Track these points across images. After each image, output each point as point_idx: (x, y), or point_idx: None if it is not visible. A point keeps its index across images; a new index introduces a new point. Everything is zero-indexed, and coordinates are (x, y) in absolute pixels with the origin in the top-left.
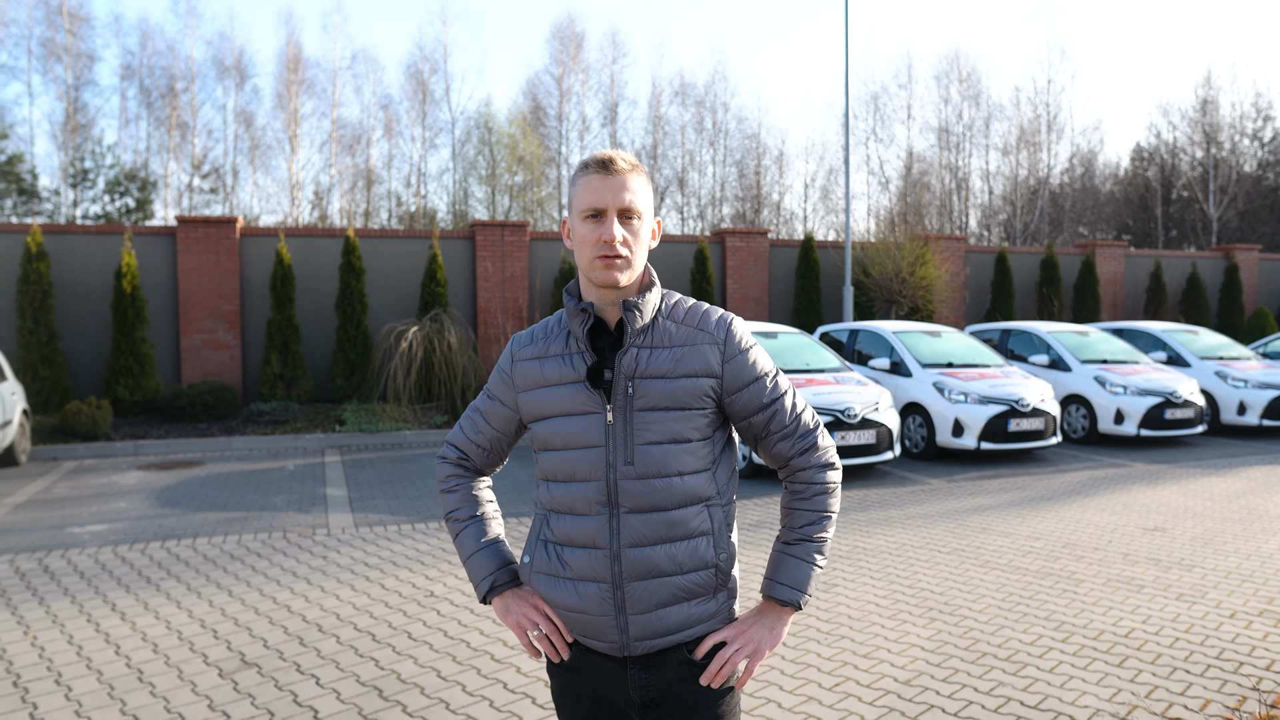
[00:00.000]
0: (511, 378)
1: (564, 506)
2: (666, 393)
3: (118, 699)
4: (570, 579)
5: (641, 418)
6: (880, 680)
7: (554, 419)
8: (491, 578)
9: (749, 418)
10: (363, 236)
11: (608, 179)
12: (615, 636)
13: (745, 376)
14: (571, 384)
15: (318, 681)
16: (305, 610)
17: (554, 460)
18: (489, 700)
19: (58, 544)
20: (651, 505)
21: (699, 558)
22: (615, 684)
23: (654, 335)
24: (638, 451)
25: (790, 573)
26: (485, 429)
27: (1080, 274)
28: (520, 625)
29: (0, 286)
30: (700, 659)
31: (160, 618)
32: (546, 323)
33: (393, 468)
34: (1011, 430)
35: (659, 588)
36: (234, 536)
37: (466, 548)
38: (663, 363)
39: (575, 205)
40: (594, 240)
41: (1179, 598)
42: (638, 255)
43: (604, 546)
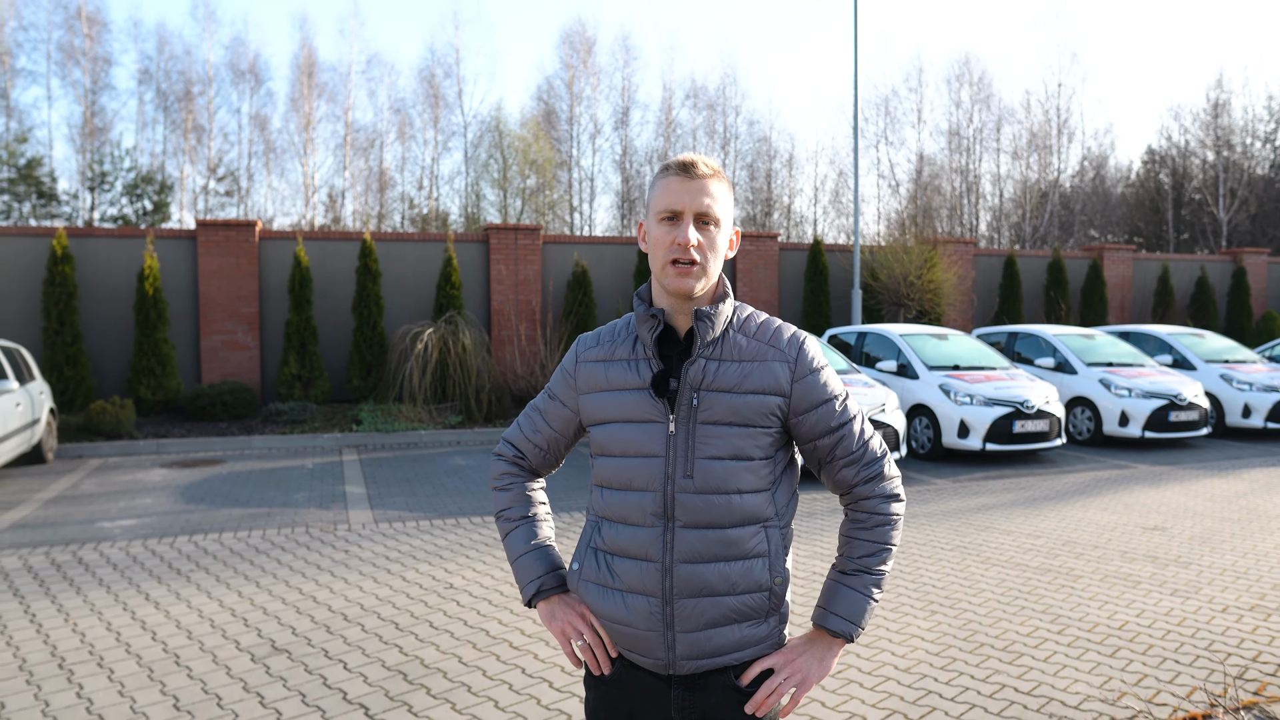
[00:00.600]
0: (575, 379)
1: (617, 515)
2: (732, 408)
3: (157, 680)
4: (619, 590)
5: (704, 431)
6: (881, 668)
7: (614, 424)
8: (539, 581)
9: (815, 440)
10: (379, 240)
11: (687, 182)
12: (661, 654)
13: (815, 398)
14: (635, 390)
15: (345, 666)
16: (330, 601)
17: (611, 466)
18: (508, 684)
19: (89, 538)
20: (708, 521)
21: (753, 579)
22: (656, 703)
23: (723, 348)
24: (698, 465)
25: (845, 604)
26: (544, 429)
27: (1088, 277)
28: (564, 633)
29: (27, 288)
30: (746, 686)
31: (192, 607)
32: (614, 325)
33: (409, 466)
34: (1016, 432)
35: (710, 607)
36: (258, 531)
37: (516, 548)
38: (730, 376)
39: (652, 207)
40: (668, 243)
41: (1174, 593)
42: (713, 263)
43: (656, 560)
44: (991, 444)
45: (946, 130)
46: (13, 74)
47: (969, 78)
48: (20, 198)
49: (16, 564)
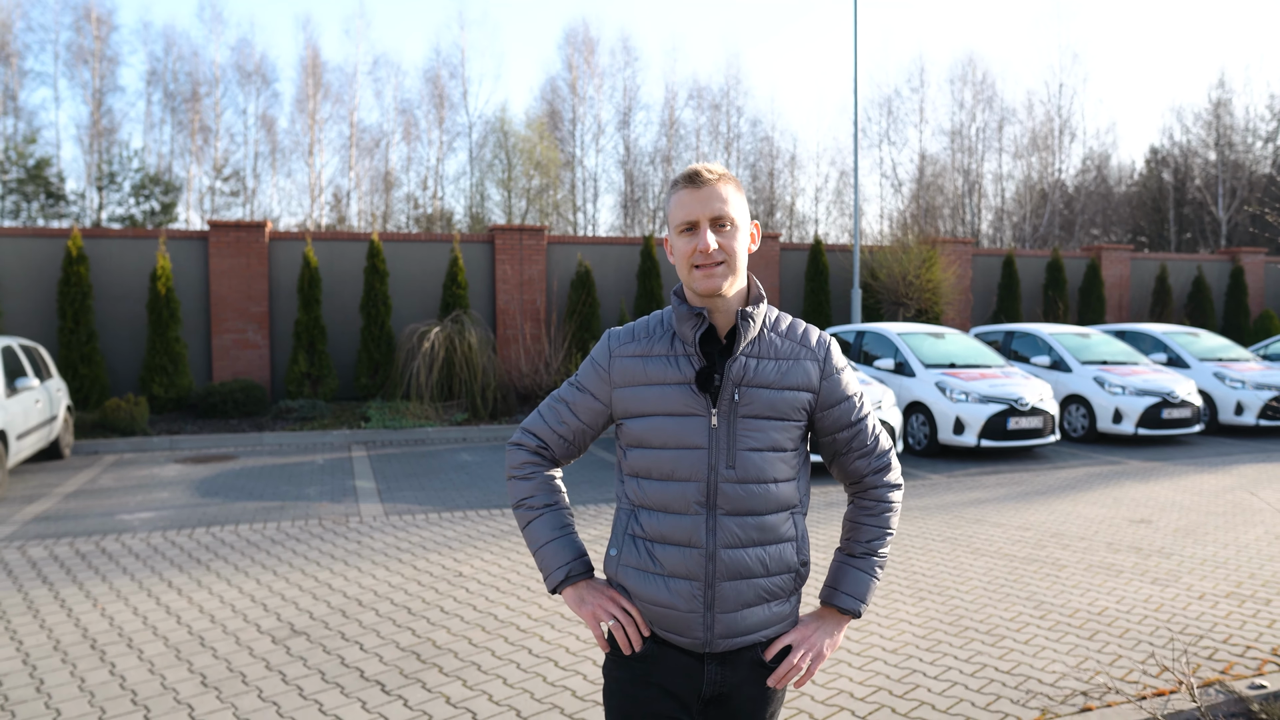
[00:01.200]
0: (609, 373)
1: (658, 504)
2: (769, 402)
3: (184, 660)
4: (661, 575)
5: (745, 424)
6: (869, 650)
7: (654, 418)
8: (568, 567)
9: (835, 434)
10: (386, 240)
11: (696, 192)
12: (700, 633)
13: (839, 394)
14: (677, 385)
15: (361, 647)
16: (345, 588)
17: (650, 458)
18: (516, 663)
19: (111, 529)
20: (748, 509)
21: (784, 562)
22: (687, 678)
23: (760, 346)
24: (739, 457)
25: (853, 584)
26: (571, 420)
27: (1086, 277)
28: (595, 616)
29: (43, 288)
30: (770, 660)
31: (213, 593)
32: (647, 322)
33: (417, 462)
34: (1011, 428)
35: (746, 589)
36: (273, 523)
37: (541, 536)
38: (769, 374)
39: (671, 222)
40: (690, 251)
41: (1154, 581)
42: (737, 260)
43: (700, 546)
44: (986, 440)
45: (949, 130)
46: (21, 75)
47: (971, 78)
48: (29, 198)
49: (43, 554)
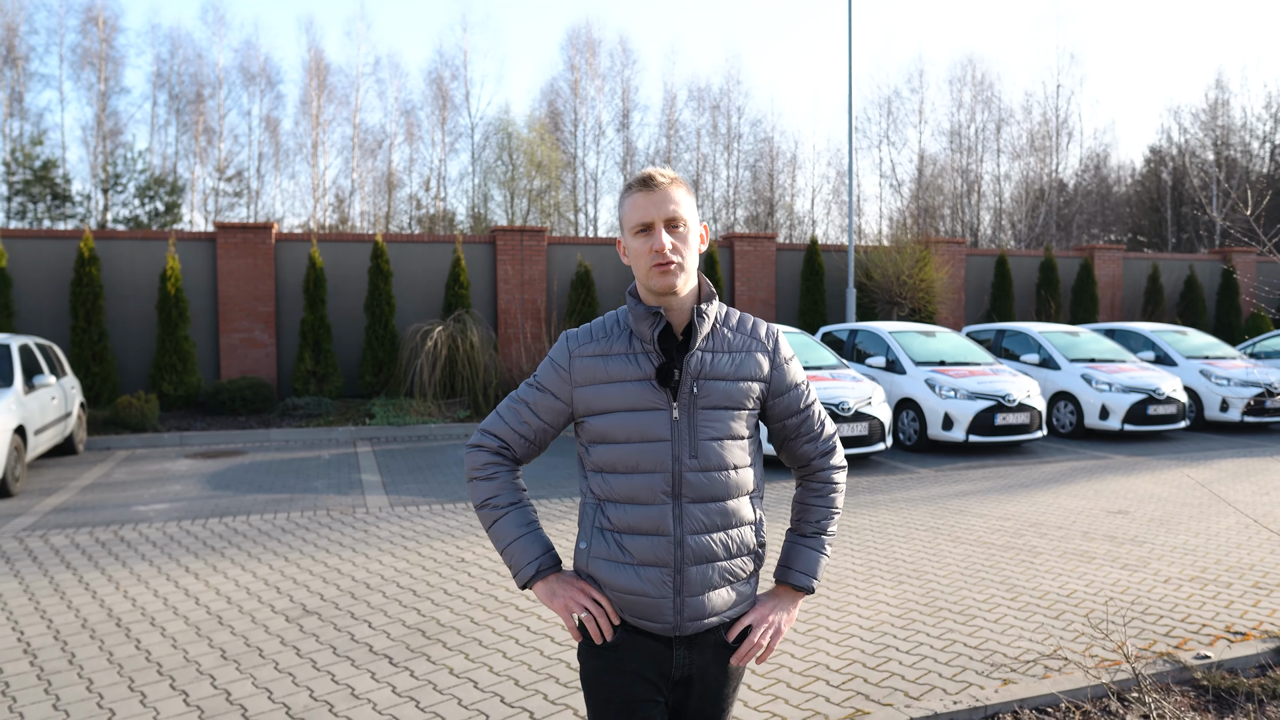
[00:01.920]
0: (569, 372)
1: (624, 496)
2: (726, 393)
3: (204, 637)
4: (631, 564)
5: (704, 415)
6: (848, 628)
7: (616, 414)
8: (537, 562)
9: (785, 420)
10: (390, 241)
11: (650, 194)
12: (670, 618)
13: (788, 383)
14: (637, 381)
15: (369, 625)
16: (353, 572)
17: (614, 452)
18: (514, 639)
19: (128, 519)
20: (711, 496)
21: (745, 544)
22: (658, 663)
23: (715, 341)
24: (701, 446)
25: (805, 562)
26: (532, 420)
27: (1079, 276)
28: (567, 608)
29: (56, 288)
30: (732, 640)
31: (229, 577)
32: (604, 322)
33: (421, 457)
34: (998, 424)
35: (711, 572)
36: (282, 514)
37: (508, 534)
38: (724, 366)
39: (625, 223)
40: (647, 252)
41: (1124, 567)
42: (689, 260)
43: (668, 534)
44: (974, 436)
45: (948, 130)
46: (27, 77)
47: (970, 78)
48: (35, 199)
49: (64, 542)
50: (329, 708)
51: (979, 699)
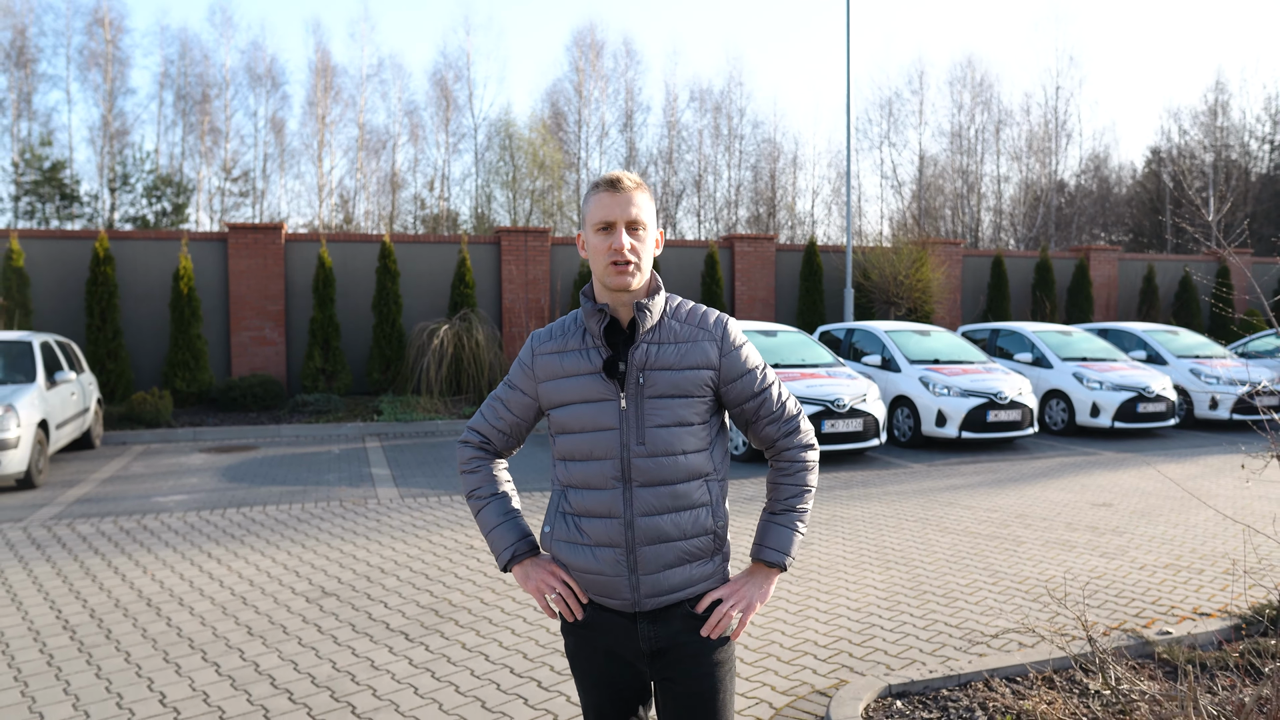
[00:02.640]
0: (533, 369)
1: (581, 482)
2: (672, 382)
3: (230, 615)
4: (588, 545)
5: (651, 404)
6: (836, 608)
7: (572, 405)
8: (513, 548)
9: (742, 405)
10: (398, 242)
11: (616, 196)
12: (627, 594)
13: (739, 369)
14: (589, 374)
15: (385, 605)
16: (367, 558)
17: (572, 442)
18: (522, 618)
19: (149, 509)
20: (660, 480)
21: (699, 525)
22: (626, 637)
23: (661, 333)
24: (648, 433)
25: (776, 539)
26: (506, 415)
27: (1074, 277)
28: (539, 589)
29: (72, 287)
30: (701, 613)
31: (249, 562)
32: (563, 321)
33: (428, 451)
34: (990, 421)
35: (666, 551)
36: (297, 505)
37: (489, 522)
38: (669, 356)
39: (588, 219)
40: (606, 249)
41: (1102, 555)
42: (645, 261)
43: (619, 516)
44: (967, 432)
45: (949, 131)
46: (35, 79)
47: (970, 80)
48: (44, 199)
49: (90, 530)
50: (350, 677)
51: (953, 669)
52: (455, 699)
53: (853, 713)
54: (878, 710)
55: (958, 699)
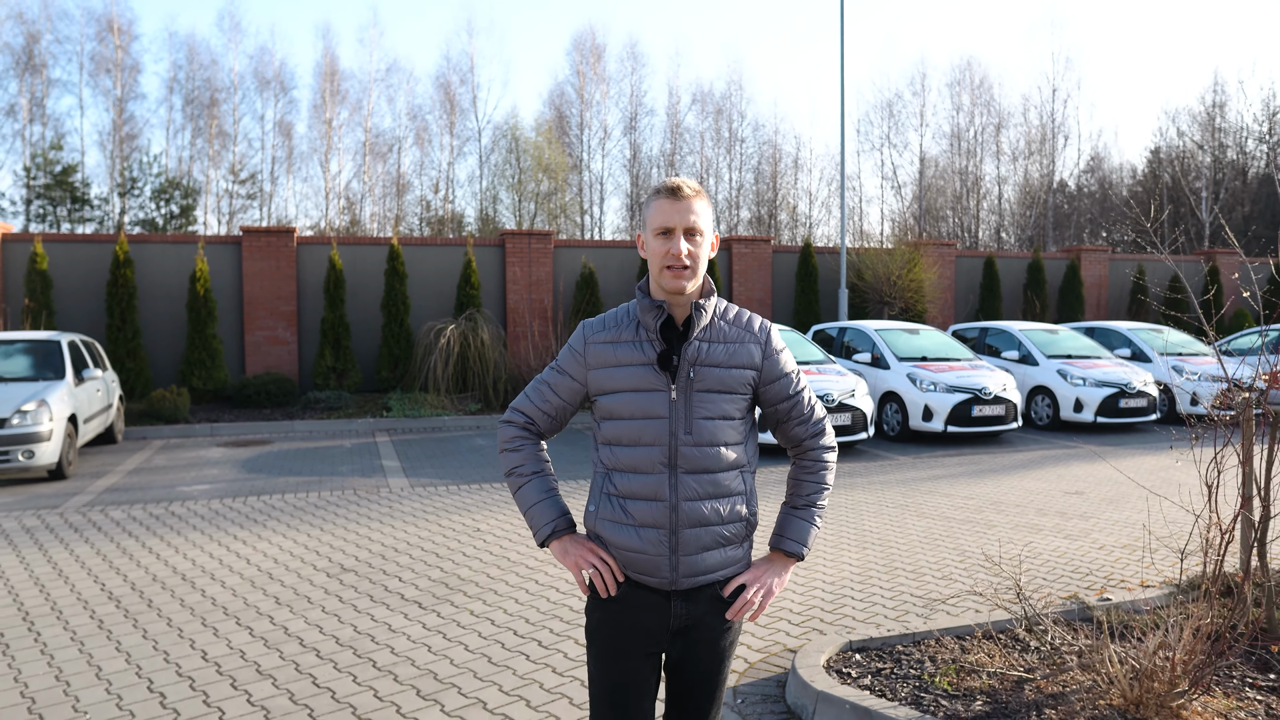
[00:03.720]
0: (584, 356)
1: (628, 466)
2: (719, 379)
3: (259, 588)
4: (633, 525)
5: (699, 397)
6: (812, 583)
7: (623, 393)
8: (553, 524)
9: (776, 405)
10: (405, 244)
11: (675, 203)
12: (667, 573)
13: (778, 371)
14: (642, 365)
15: (400, 579)
16: (382, 539)
17: (620, 427)
18: (524, 590)
19: (174, 497)
20: (703, 468)
21: (735, 512)
22: (657, 614)
23: (711, 332)
24: (695, 424)
25: (796, 531)
26: (553, 398)
27: (1065, 277)
28: (577, 564)
29: (93, 289)
30: (727, 596)
31: (272, 543)
32: (616, 313)
33: (436, 445)
34: (975, 415)
35: (704, 535)
36: (314, 493)
37: (530, 498)
38: (718, 355)
39: (648, 223)
40: (663, 253)
41: (1066, 537)
42: (700, 266)
43: (664, 499)
44: (952, 426)
45: (949, 133)
46: (47, 84)
47: (970, 82)
48: (56, 202)
49: (122, 515)
50: (370, 638)
51: (909, 629)
52: (465, 655)
53: (816, 663)
54: (838, 661)
55: (910, 653)
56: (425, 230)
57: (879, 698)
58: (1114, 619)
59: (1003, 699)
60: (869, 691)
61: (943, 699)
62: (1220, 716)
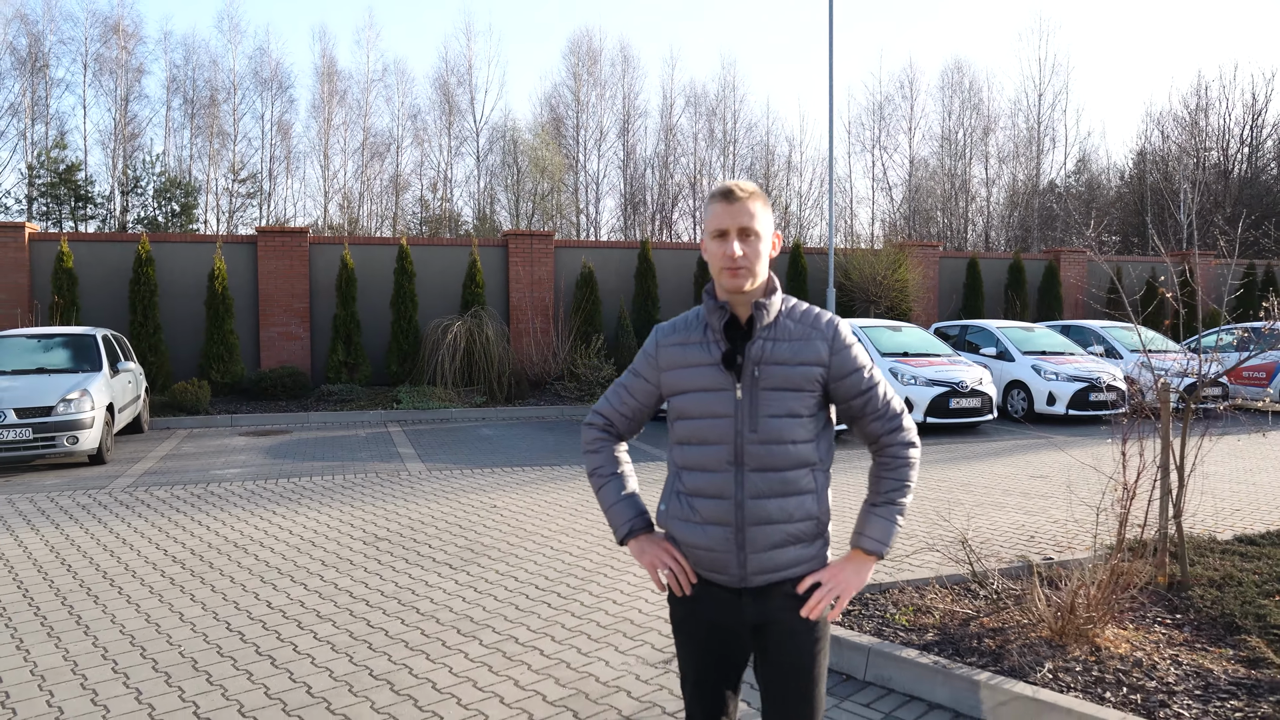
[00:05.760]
0: (656, 359)
1: (696, 464)
2: (785, 376)
3: (303, 554)
4: (700, 523)
5: (764, 395)
6: None
7: (691, 393)
8: (630, 523)
9: (849, 401)
10: (414, 244)
11: (729, 206)
12: (735, 571)
13: (848, 367)
14: (708, 365)
15: (430, 546)
16: (408, 514)
17: (689, 427)
18: (542, 554)
19: (211, 479)
20: (769, 466)
21: (804, 510)
22: (730, 611)
23: (776, 330)
24: (760, 422)
25: (876, 529)
26: (630, 401)
27: (1045, 277)
28: (653, 564)
29: (116, 287)
30: (802, 594)
31: (309, 518)
32: (686, 316)
33: (446, 435)
34: (953, 408)
35: (773, 533)
36: (339, 476)
37: (609, 498)
38: (783, 352)
39: (707, 227)
40: (721, 255)
41: (1026, 513)
42: (758, 265)
43: (729, 497)
44: (931, 418)
45: (938, 135)
46: (50, 84)
47: (959, 85)
48: (60, 201)
49: (166, 495)
50: (411, 591)
51: (875, 580)
52: (494, 604)
53: None
54: None
55: (876, 599)
56: (423, 230)
57: (848, 630)
58: (1050, 572)
59: (951, 632)
60: (838, 626)
61: (900, 631)
62: (1128, 642)
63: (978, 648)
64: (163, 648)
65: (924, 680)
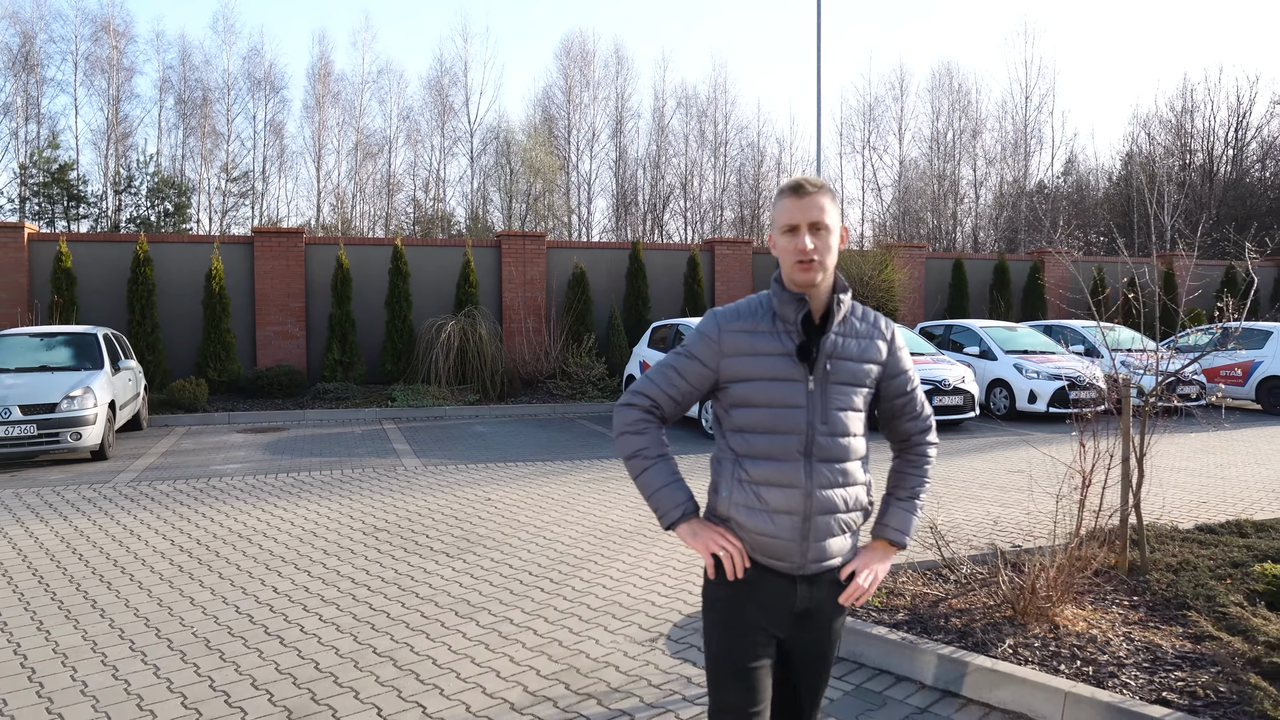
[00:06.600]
0: (719, 344)
1: (763, 454)
2: (851, 371)
3: (306, 544)
4: (767, 511)
5: (834, 389)
6: None
7: (760, 381)
8: (682, 508)
9: (892, 400)
10: (408, 245)
11: (799, 201)
12: (797, 558)
13: (899, 368)
14: (780, 355)
15: (426, 535)
16: (405, 506)
17: (754, 415)
18: (535, 543)
19: (211, 474)
20: (835, 457)
21: (859, 501)
22: (782, 597)
23: (846, 327)
24: (830, 415)
25: (900, 520)
26: (680, 384)
27: (1029, 278)
28: (707, 547)
29: (115, 286)
30: (844, 580)
31: (310, 510)
32: (750, 303)
33: (441, 432)
34: (935, 405)
35: (833, 522)
36: (337, 471)
37: (656, 481)
38: (852, 349)
39: (776, 222)
40: (792, 249)
41: (1001, 505)
42: (828, 259)
43: (799, 486)
44: None
45: (928, 137)
46: (42, 83)
47: (948, 87)
48: (53, 200)
49: (168, 489)
50: (410, 577)
51: None
52: (490, 589)
53: None
54: None
55: None
56: (416, 230)
57: None
58: (1017, 559)
59: (920, 612)
60: None
61: (873, 611)
62: (1085, 621)
63: (945, 626)
64: (176, 628)
65: (893, 655)
